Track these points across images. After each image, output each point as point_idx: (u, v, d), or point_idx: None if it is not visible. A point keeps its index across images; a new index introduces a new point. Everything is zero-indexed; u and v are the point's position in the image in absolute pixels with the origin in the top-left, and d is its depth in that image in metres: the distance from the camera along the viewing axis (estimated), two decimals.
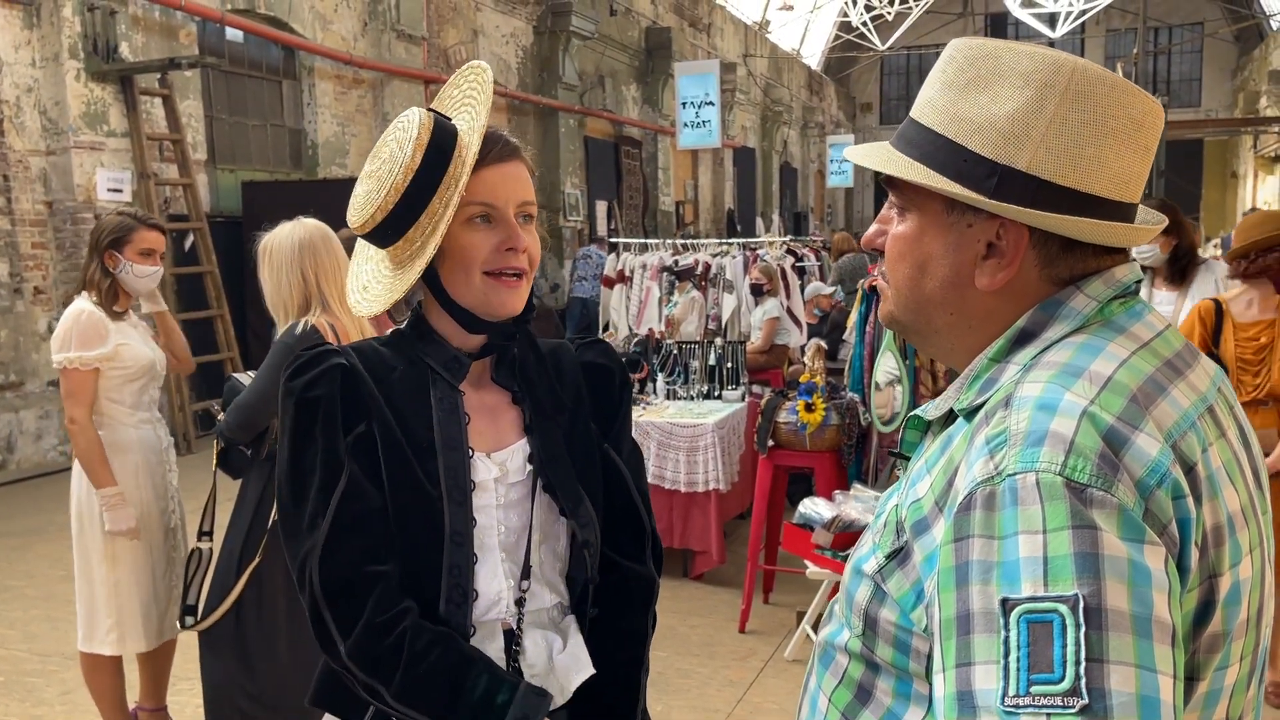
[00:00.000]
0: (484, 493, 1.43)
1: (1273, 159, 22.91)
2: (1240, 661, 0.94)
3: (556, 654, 1.47)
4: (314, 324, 2.85)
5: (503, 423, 1.49)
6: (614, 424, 1.59)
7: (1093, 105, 0.94)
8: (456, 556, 1.39)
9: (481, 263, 1.39)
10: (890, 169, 1.01)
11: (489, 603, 1.43)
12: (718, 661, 4.30)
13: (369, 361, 1.43)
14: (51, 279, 8.30)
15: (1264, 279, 3.71)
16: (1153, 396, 0.91)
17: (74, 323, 3.22)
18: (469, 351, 1.46)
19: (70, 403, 3.22)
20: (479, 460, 1.44)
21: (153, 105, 8.87)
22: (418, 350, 1.45)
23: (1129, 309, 0.99)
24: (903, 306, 1.07)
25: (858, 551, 1.06)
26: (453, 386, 1.44)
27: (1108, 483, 0.83)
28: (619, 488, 1.55)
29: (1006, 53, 0.98)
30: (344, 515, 1.35)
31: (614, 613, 1.54)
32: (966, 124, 0.98)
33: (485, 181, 1.38)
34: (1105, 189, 0.96)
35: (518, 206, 1.41)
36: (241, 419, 2.88)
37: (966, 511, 0.86)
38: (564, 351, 1.59)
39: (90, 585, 3.32)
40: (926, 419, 1.07)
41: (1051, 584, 0.80)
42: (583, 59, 15.97)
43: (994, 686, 0.80)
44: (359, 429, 1.38)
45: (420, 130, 1.36)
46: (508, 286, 1.41)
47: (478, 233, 1.39)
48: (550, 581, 1.50)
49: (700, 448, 5.07)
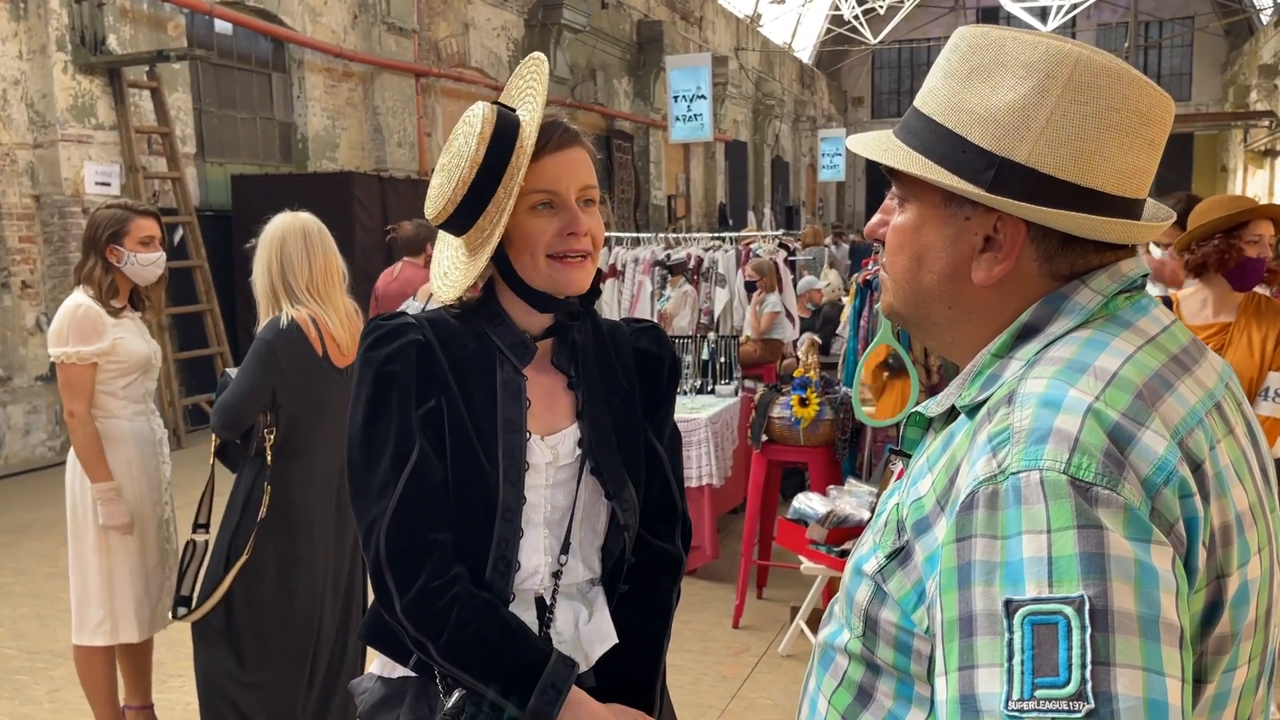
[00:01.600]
0: (536, 474, 1.52)
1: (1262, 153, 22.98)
2: (1249, 663, 0.92)
3: (583, 624, 1.56)
4: (294, 319, 2.85)
5: (558, 406, 1.57)
6: (659, 410, 1.67)
7: (1096, 97, 0.92)
8: (505, 531, 1.48)
9: (545, 247, 1.46)
10: (888, 159, 1.00)
11: (528, 573, 1.52)
12: (711, 657, 4.29)
13: (443, 337, 1.51)
14: (39, 273, 8.24)
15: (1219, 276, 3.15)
16: (1159, 393, 0.89)
17: (71, 317, 3.20)
18: (534, 334, 1.55)
19: (69, 396, 3.21)
20: (535, 443, 1.52)
21: (141, 98, 8.80)
22: (487, 329, 1.53)
23: (1135, 303, 0.97)
24: (902, 298, 1.05)
25: (858, 551, 1.04)
26: (518, 369, 1.53)
27: (1113, 481, 0.81)
28: (657, 472, 1.64)
29: (1011, 41, 0.96)
30: (413, 487, 1.44)
31: (643, 588, 1.63)
32: (967, 114, 0.96)
33: (545, 169, 1.45)
34: (1108, 184, 0.94)
35: (579, 191, 1.48)
36: (226, 418, 2.86)
37: (969, 511, 0.84)
38: (619, 334, 1.67)
39: (83, 577, 3.31)
40: (928, 416, 1.05)
41: (1056, 585, 0.78)
42: (574, 52, 15.93)
43: (998, 690, 0.78)
44: (430, 404, 1.47)
45: (484, 125, 1.44)
46: (571, 266, 1.48)
47: (541, 218, 1.46)
48: (586, 557, 1.58)
49: (693, 442, 5.05)
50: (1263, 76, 23.35)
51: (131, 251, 3.25)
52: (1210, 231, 3.09)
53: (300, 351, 2.84)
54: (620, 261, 8.40)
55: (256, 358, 2.83)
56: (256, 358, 2.83)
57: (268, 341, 2.83)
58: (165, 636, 3.59)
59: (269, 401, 2.85)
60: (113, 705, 3.43)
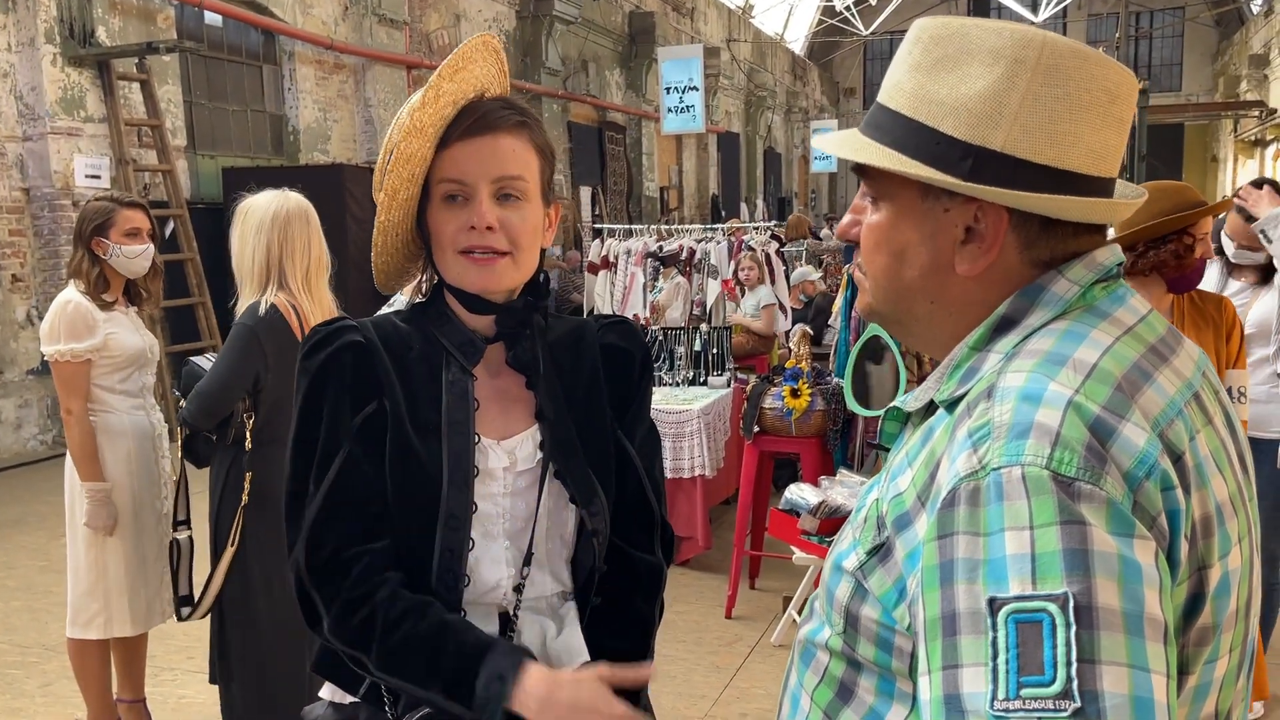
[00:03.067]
0: (492, 480, 1.42)
1: (1253, 143, 23.03)
2: (1230, 653, 0.92)
3: (551, 640, 1.45)
4: (275, 304, 2.79)
5: (515, 409, 1.47)
6: (629, 409, 1.54)
7: (1065, 79, 0.92)
8: (450, 540, 1.37)
9: (452, 242, 1.37)
10: (862, 157, 0.98)
11: (486, 587, 1.41)
12: (704, 648, 4.30)
13: (387, 338, 1.43)
14: (30, 267, 8.21)
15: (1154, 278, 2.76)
16: (1138, 384, 0.88)
17: (60, 314, 3.18)
18: (484, 334, 1.46)
19: (64, 394, 3.20)
20: (489, 448, 1.42)
21: (131, 90, 8.76)
22: (434, 329, 1.45)
23: (1111, 293, 0.97)
24: (881, 297, 1.03)
25: (837, 547, 1.03)
26: (465, 370, 1.43)
27: (1095, 475, 0.80)
28: (630, 475, 1.52)
29: (974, 29, 0.95)
30: (335, 496, 1.35)
31: (619, 601, 1.51)
32: (937, 106, 0.94)
33: (454, 157, 1.36)
34: (1082, 164, 0.93)
35: (494, 182, 1.37)
36: (203, 406, 2.82)
37: (950, 507, 0.83)
38: (586, 330, 1.56)
39: (78, 570, 3.30)
40: (906, 410, 1.05)
41: (1040, 582, 0.77)
42: (566, 44, 15.89)
43: (983, 690, 0.77)
44: (369, 408, 1.38)
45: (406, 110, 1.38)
46: (478, 264, 1.38)
47: (449, 211, 1.38)
48: (554, 569, 1.48)
49: (686, 434, 5.06)
50: (1253, 66, 23.39)
51: (117, 244, 3.23)
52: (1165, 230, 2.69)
53: (282, 338, 2.78)
54: (612, 253, 8.39)
55: (239, 344, 2.78)
56: (239, 344, 2.78)
57: (249, 328, 2.77)
58: (157, 630, 3.59)
59: (250, 388, 2.80)
60: (105, 698, 3.43)
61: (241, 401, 2.82)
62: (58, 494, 3.39)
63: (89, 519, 3.21)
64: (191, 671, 4.00)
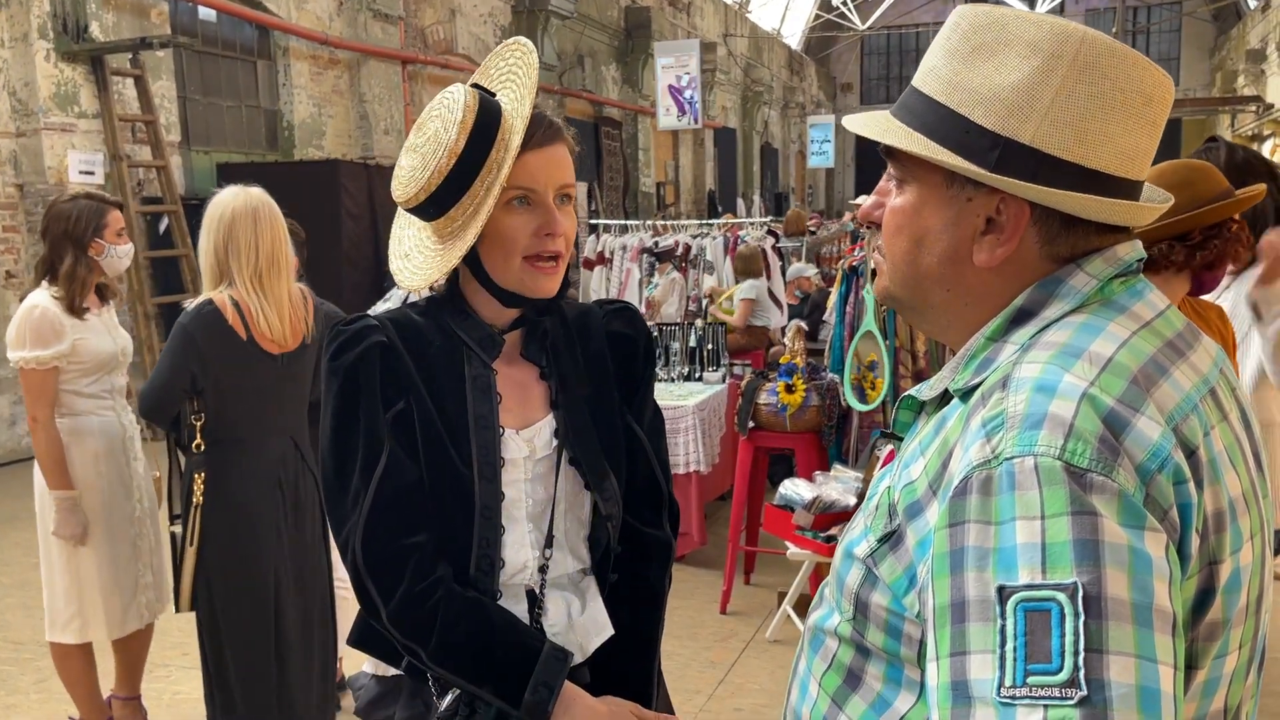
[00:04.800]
0: (513, 469, 1.49)
1: (1250, 138, 23.04)
2: (1239, 649, 0.92)
3: (576, 615, 1.53)
4: (212, 300, 2.77)
5: (531, 399, 1.53)
6: (637, 394, 1.62)
7: (1100, 77, 0.91)
8: (485, 529, 1.45)
9: (521, 247, 1.42)
10: (889, 139, 0.98)
11: (515, 569, 1.49)
12: (699, 643, 4.29)
13: (407, 336, 1.47)
14: (23, 263, 8.17)
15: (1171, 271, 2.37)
16: (1154, 378, 0.88)
17: (26, 320, 3.11)
18: (501, 327, 1.51)
19: (30, 401, 3.14)
20: (509, 438, 1.49)
21: (124, 86, 8.73)
22: (453, 324, 1.49)
23: (1130, 288, 0.96)
24: (899, 281, 1.03)
25: (849, 534, 1.04)
26: (486, 364, 1.49)
27: (1108, 467, 0.80)
28: (639, 458, 1.60)
29: (1013, 20, 0.94)
30: (385, 492, 1.41)
31: (632, 576, 1.60)
32: (970, 94, 0.94)
33: (526, 166, 1.39)
34: (1110, 165, 0.93)
35: (557, 189, 1.43)
36: (146, 404, 2.81)
37: (962, 496, 0.84)
38: (591, 318, 1.62)
39: (52, 574, 3.27)
40: (920, 399, 1.05)
41: (1050, 571, 0.77)
42: (561, 39, 15.86)
43: (989, 677, 0.78)
44: (398, 406, 1.44)
45: (465, 112, 1.38)
46: (544, 272, 1.44)
47: (516, 216, 1.41)
48: (573, 548, 1.56)
49: (681, 429, 5.06)
50: (1250, 61, 23.40)
51: (111, 244, 3.21)
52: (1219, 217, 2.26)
53: (219, 335, 2.74)
54: (608, 249, 8.39)
55: (174, 343, 2.77)
56: (174, 343, 2.77)
57: (183, 326, 2.76)
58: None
59: (189, 386, 2.77)
60: (94, 699, 3.41)
61: (189, 403, 2.80)
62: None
63: (57, 528, 3.17)
64: (185, 668, 3.99)
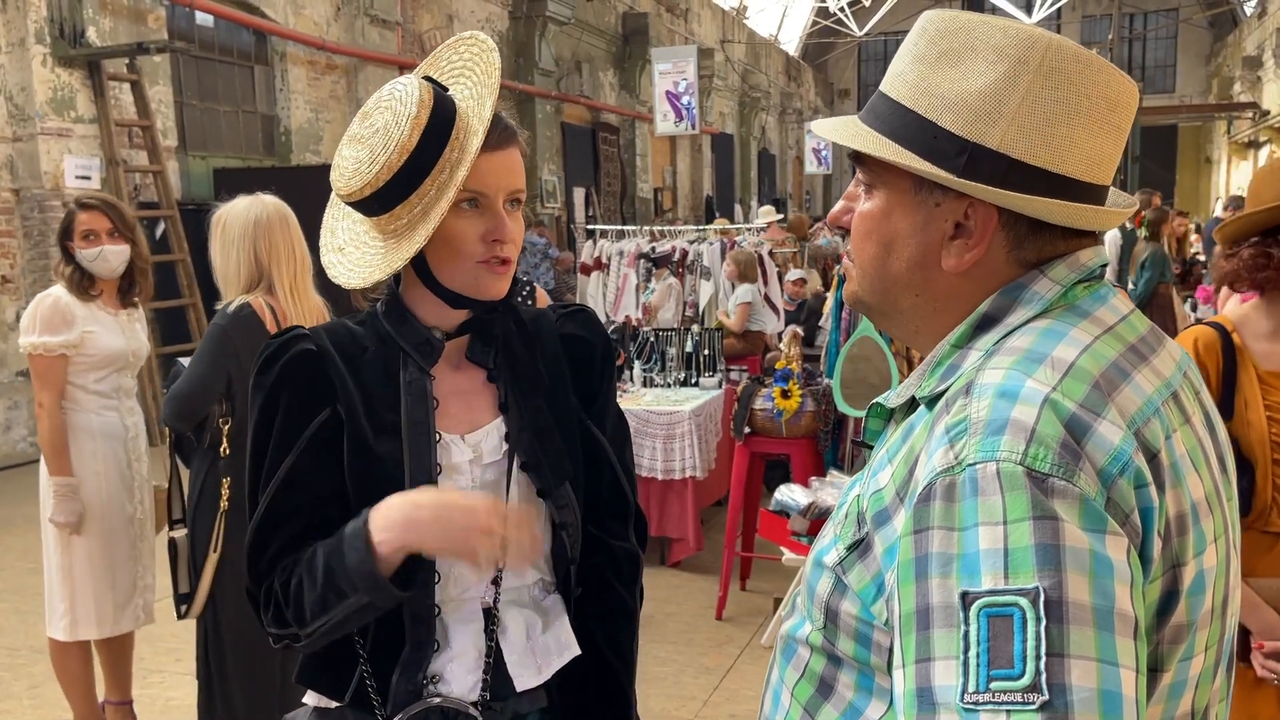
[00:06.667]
0: (458, 476, 1.42)
1: (1246, 144, 23.08)
2: (1205, 651, 0.92)
3: (537, 634, 1.46)
4: (250, 304, 2.75)
5: (477, 403, 1.47)
6: (597, 398, 1.55)
7: (1067, 83, 0.92)
8: None
9: (470, 252, 1.37)
10: (857, 144, 0.98)
11: (465, 583, 1.41)
12: (695, 649, 4.29)
13: (340, 342, 1.42)
14: (19, 268, 8.17)
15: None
16: (1115, 383, 0.89)
17: (38, 307, 3.22)
18: (446, 330, 1.45)
19: (38, 386, 3.21)
20: (452, 443, 1.43)
21: (121, 91, 8.73)
22: (390, 329, 1.44)
23: (1093, 293, 0.97)
24: (868, 286, 1.04)
25: (819, 543, 1.04)
26: (423, 370, 1.43)
27: (1069, 472, 0.80)
28: (603, 465, 1.53)
29: (980, 26, 0.95)
30: (278, 504, 1.37)
31: (601, 591, 1.53)
32: (937, 99, 0.95)
33: (478, 169, 1.35)
34: (1077, 170, 0.94)
35: (507, 194, 1.39)
36: (178, 408, 2.77)
37: (926, 502, 0.84)
38: (544, 321, 1.56)
39: (50, 571, 3.30)
40: (889, 407, 1.05)
41: (1012, 577, 0.78)
42: (559, 44, 15.88)
43: (954, 683, 0.78)
44: (323, 415, 1.38)
45: (419, 108, 1.31)
46: (495, 273, 1.39)
47: (465, 220, 1.36)
48: None
49: (677, 435, 5.05)
50: (1246, 68, 23.45)
51: (78, 246, 3.26)
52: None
53: (256, 338, 2.70)
54: (605, 254, 8.38)
55: (211, 344, 2.74)
56: (211, 344, 2.74)
57: (222, 327, 2.73)
58: (145, 632, 3.57)
59: (224, 390, 2.76)
60: (89, 700, 3.41)
61: (218, 405, 2.78)
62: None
63: (53, 514, 3.21)
64: (180, 674, 3.98)
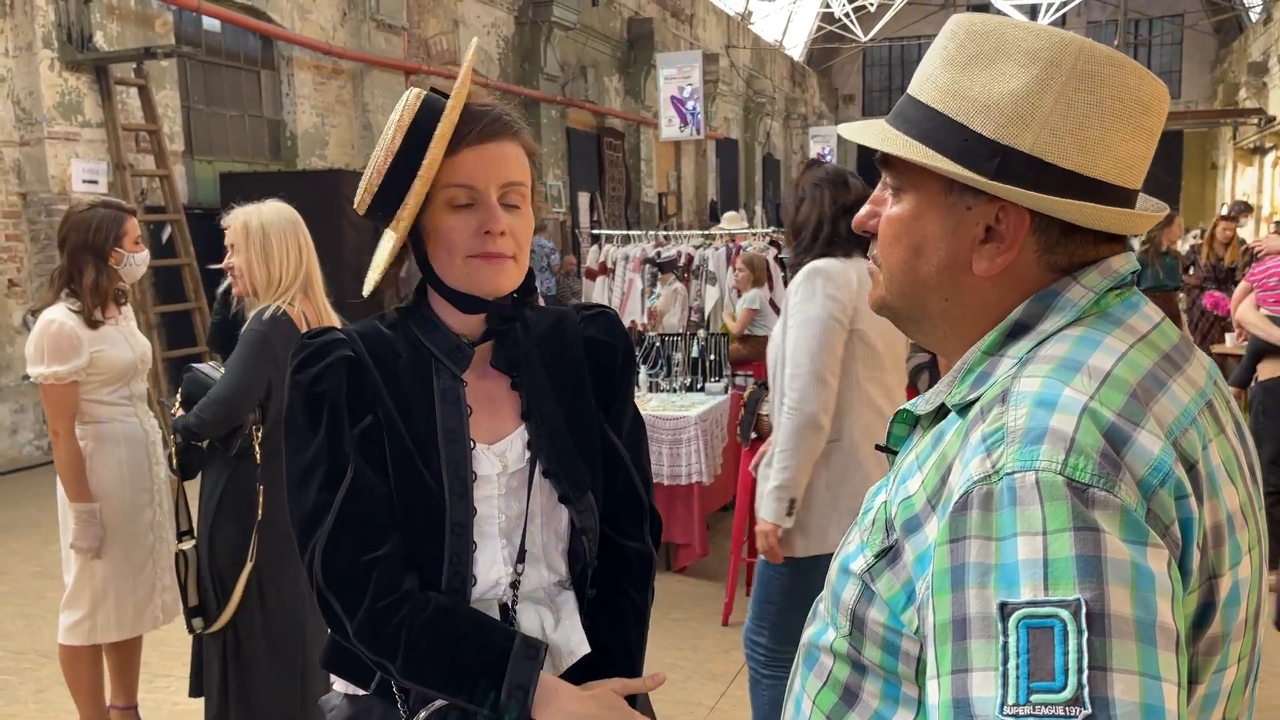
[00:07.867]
0: (486, 484, 1.44)
1: (1252, 150, 23.04)
2: (1238, 663, 0.91)
3: (550, 630, 1.48)
4: (285, 310, 2.72)
5: (501, 411, 1.48)
6: (615, 402, 1.57)
7: (1099, 86, 0.91)
8: (456, 546, 1.41)
9: (463, 247, 1.38)
10: (888, 147, 0.98)
11: (487, 585, 1.44)
12: (701, 655, 4.28)
13: (374, 348, 1.43)
14: (26, 272, 8.18)
15: None
16: (1153, 392, 0.88)
17: (44, 336, 3.09)
18: (470, 338, 1.46)
19: (51, 415, 3.13)
20: (481, 453, 1.44)
21: (128, 95, 8.75)
22: (421, 336, 1.45)
23: (1125, 301, 0.96)
24: (895, 291, 1.02)
25: (844, 549, 1.02)
26: (456, 376, 1.44)
27: (1110, 482, 0.79)
28: (619, 468, 1.55)
29: (1011, 29, 0.94)
30: (348, 510, 1.37)
31: (614, 590, 1.54)
32: (968, 102, 0.94)
33: (464, 163, 1.36)
34: (1109, 173, 0.93)
35: (501, 188, 1.39)
36: (220, 414, 2.70)
37: (963, 511, 0.82)
38: (568, 323, 1.57)
39: (69, 575, 3.28)
40: (916, 413, 1.04)
41: (1052, 588, 0.76)
42: (564, 50, 15.89)
43: (992, 695, 0.76)
44: (365, 421, 1.40)
45: (405, 112, 1.37)
46: (491, 264, 1.39)
47: (456, 216, 1.37)
48: (549, 561, 1.50)
49: (683, 440, 5.04)
50: (1252, 74, 23.40)
51: (130, 252, 3.22)
52: None
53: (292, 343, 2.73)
54: (611, 259, 8.39)
55: (251, 349, 2.68)
56: (251, 349, 2.68)
57: (262, 333, 2.68)
58: (151, 637, 3.57)
59: (263, 396, 2.71)
60: (98, 705, 3.40)
61: (251, 412, 2.74)
62: (52, 499, 3.36)
63: (75, 540, 3.17)
64: (186, 679, 3.96)
